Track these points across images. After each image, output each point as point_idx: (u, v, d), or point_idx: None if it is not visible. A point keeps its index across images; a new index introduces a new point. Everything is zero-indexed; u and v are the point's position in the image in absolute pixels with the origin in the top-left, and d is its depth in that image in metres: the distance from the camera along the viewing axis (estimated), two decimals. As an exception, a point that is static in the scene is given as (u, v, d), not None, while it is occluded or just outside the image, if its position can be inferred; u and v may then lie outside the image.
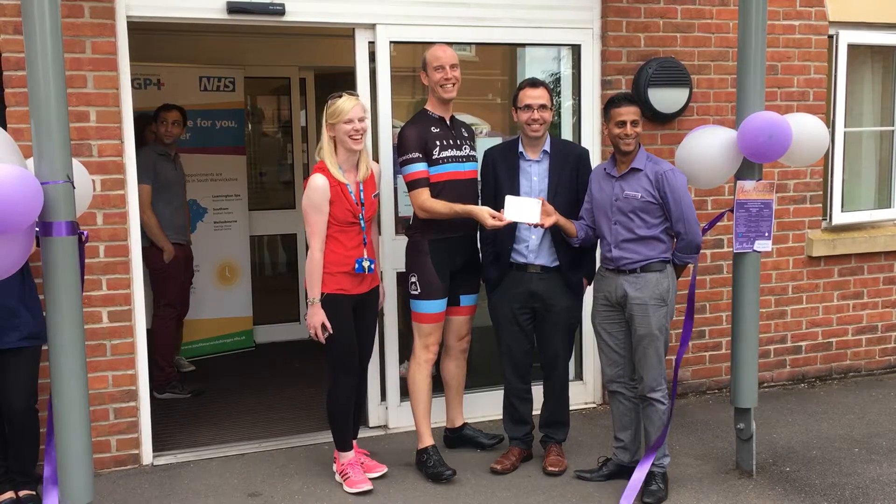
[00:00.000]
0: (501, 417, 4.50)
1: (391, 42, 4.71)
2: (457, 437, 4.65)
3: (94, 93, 4.18)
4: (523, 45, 5.25)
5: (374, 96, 4.72)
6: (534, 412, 4.45)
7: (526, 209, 3.98)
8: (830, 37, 5.67)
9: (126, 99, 4.31)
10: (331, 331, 3.97)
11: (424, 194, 4.16)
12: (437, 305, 4.28)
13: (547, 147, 4.22)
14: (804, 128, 4.07)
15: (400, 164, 4.25)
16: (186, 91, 6.41)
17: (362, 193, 4.03)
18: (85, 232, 3.25)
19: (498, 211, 4.02)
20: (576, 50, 5.17)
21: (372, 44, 4.70)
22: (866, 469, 4.33)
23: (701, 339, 5.49)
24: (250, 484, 4.24)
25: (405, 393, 4.54)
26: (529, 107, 4.11)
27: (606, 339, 4.08)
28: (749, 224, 4.07)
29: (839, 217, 5.84)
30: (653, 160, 3.96)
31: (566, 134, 5.25)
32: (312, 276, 3.96)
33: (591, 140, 5.15)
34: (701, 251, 4.44)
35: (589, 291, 4.32)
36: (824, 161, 5.71)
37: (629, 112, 3.89)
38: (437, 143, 4.21)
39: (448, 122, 4.31)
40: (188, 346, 6.51)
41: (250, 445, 4.74)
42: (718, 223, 4.58)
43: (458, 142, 4.30)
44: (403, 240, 4.47)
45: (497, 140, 5.19)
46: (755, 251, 4.10)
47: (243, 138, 6.92)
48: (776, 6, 5.40)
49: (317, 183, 3.92)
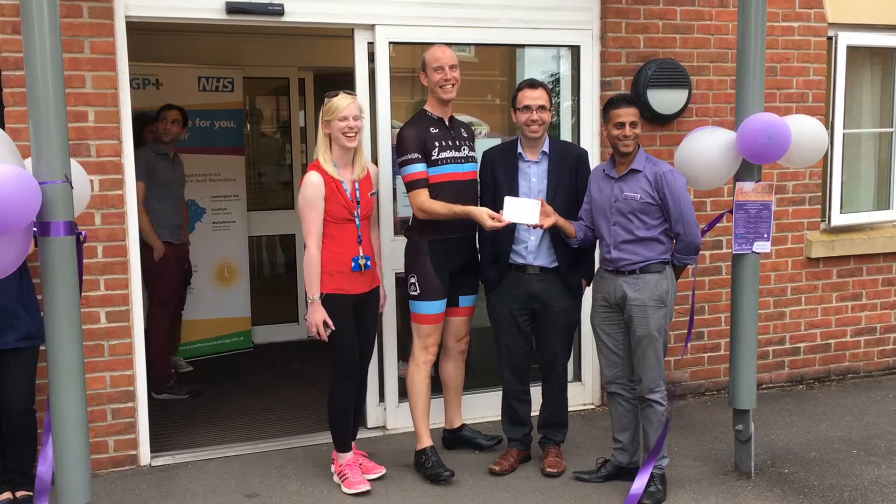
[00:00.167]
0: (500, 418, 4.50)
1: (390, 43, 4.71)
2: (455, 439, 4.65)
3: (93, 93, 4.18)
4: (522, 46, 5.25)
5: (373, 97, 4.72)
6: (532, 413, 4.45)
7: (525, 210, 3.97)
8: (830, 38, 5.67)
9: (124, 99, 4.30)
10: (332, 328, 3.97)
11: (423, 195, 4.16)
12: (437, 306, 4.27)
13: (546, 148, 4.22)
14: (803, 129, 4.06)
15: (399, 165, 4.25)
16: (185, 91, 6.40)
17: (358, 191, 4.03)
18: (83, 232, 3.24)
19: (497, 212, 4.02)
20: (575, 51, 5.16)
21: (371, 44, 4.70)
22: (865, 471, 4.32)
23: (700, 341, 5.49)
24: (248, 485, 4.23)
25: (404, 394, 4.53)
26: (528, 108, 4.11)
27: (605, 340, 4.07)
28: (748, 225, 4.07)
29: (838, 218, 5.84)
30: (652, 161, 3.96)
31: (565, 135, 5.25)
32: (310, 274, 3.96)
33: (591, 141, 5.15)
34: (700, 252, 4.44)
35: (588, 292, 4.32)
36: (823, 162, 5.71)
37: (628, 113, 3.89)
38: (437, 144, 4.20)
39: (447, 123, 4.31)
40: (186, 347, 6.50)
41: (248, 446, 4.73)
42: (717, 224, 4.58)
43: (458, 143, 4.30)
44: (402, 241, 4.47)
45: (496, 141, 5.18)
46: (754, 252, 4.10)
47: (242, 139, 6.91)
48: (775, 8, 5.40)
49: (311, 180, 3.94)
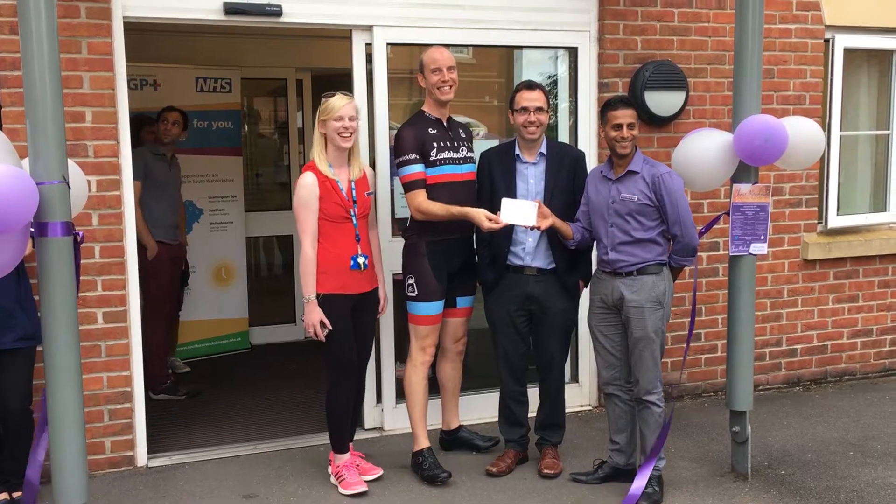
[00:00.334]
0: (497, 420, 4.50)
1: (388, 44, 4.71)
2: (452, 440, 4.65)
3: (90, 93, 4.18)
4: (520, 48, 5.26)
5: (371, 98, 4.72)
6: (530, 414, 4.45)
7: (522, 211, 3.97)
8: (826, 41, 5.68)
9: (122, 99, 4.30)
10: (330, 327, 3.97)
11: (421, 196, 4.16)
12: (434, 307, 4.27)
13: (543, 149, 4.22)
14: (800, 131, 4.07)
15: (397, 166, 4.25)
16: (183, 92, 6.40)
17: (354, 191, 4.03)
18: (80, 232, 3.24)
19: (494, 213, 4.02)
20: (573, 52, 5.17)
21: (369, 45, 4.70)
22: (861, 472, 4.33)
23: (696, 342, 5.49)
24: (246, 486, 4.23)
25: (401, 395, 4.53)
26: (526, 109, 4.11)
27: (602, 342, 4.08)
28: (745, 227, 4.07)
29: (835, 220, 5.84)
30: (649, 163, 3.97)
31: (563, 136, 5.25)
32: (306, 274, 3.96)
33: (588, 143, 5.15)
34: (697, 254, 4.44)
35: (585, 294, 4.32)
36: (820, 164, 5.72)
37: (626, 115, 3.90)
38: (435, 145, 4.20)
39: (445, 124, 4.31)
40: (184, 348, 6.50)
41: (246, 447, 4.73)
42: (714, 226, 4.58)
43: (456, 143, 4.30)
44: (400, 241, 4.46)
45: (494, 142, 5.18)
46: (751, 254, 4.11)
47: (240, 139, 6.91)
48: (773, 10, 5.40)
49: (305, 180, 3.94)
